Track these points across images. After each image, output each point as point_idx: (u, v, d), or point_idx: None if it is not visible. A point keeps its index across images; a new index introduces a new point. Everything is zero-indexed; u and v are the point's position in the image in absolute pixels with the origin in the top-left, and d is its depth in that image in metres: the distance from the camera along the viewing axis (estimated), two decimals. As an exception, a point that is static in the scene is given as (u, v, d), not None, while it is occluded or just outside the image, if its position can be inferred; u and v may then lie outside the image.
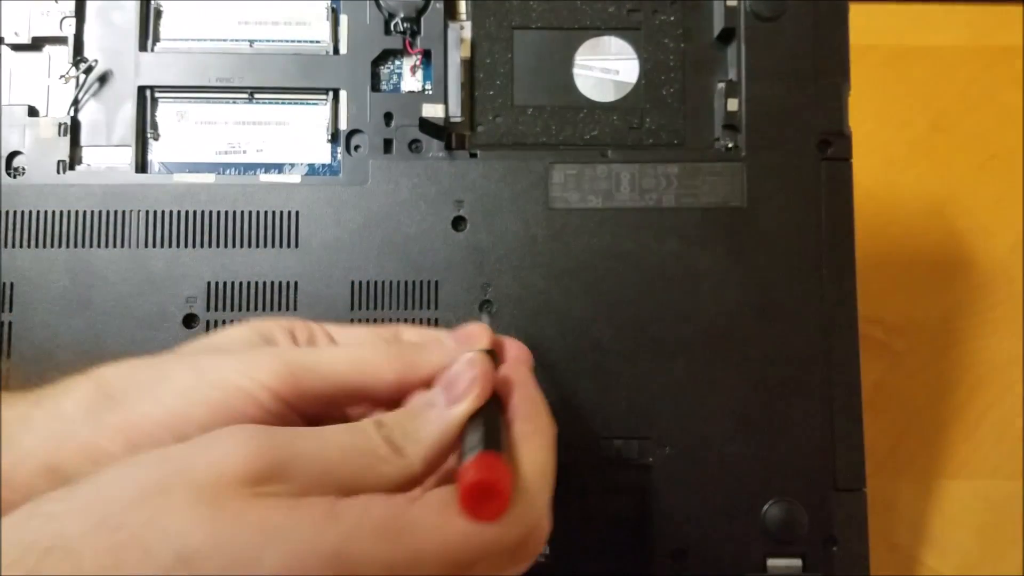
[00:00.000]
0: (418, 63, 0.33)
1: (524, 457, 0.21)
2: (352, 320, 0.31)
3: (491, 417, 0.21)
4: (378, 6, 0.32)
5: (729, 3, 0.33)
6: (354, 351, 0.24)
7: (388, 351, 0.24)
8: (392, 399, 0.24)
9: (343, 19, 0.33)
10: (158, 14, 0.33)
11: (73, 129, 0.32)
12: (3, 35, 0.32)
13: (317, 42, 0.33)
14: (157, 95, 0.32)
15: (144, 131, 0.32)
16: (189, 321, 0.31)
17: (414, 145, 0.32)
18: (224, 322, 0.31)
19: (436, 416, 0.21)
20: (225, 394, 0.22)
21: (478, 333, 0.25)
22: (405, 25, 0.32)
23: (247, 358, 0.23)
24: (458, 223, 0.32)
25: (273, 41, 0.33)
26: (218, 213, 0.31)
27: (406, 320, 0.31)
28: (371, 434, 0.20)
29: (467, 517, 0.19)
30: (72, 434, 0.21)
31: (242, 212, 0.31)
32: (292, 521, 0.18)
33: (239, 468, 0.18)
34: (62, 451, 0.21)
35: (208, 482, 0.18)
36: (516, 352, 0.26)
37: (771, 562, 0.31)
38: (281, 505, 0.18)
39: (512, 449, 0.21)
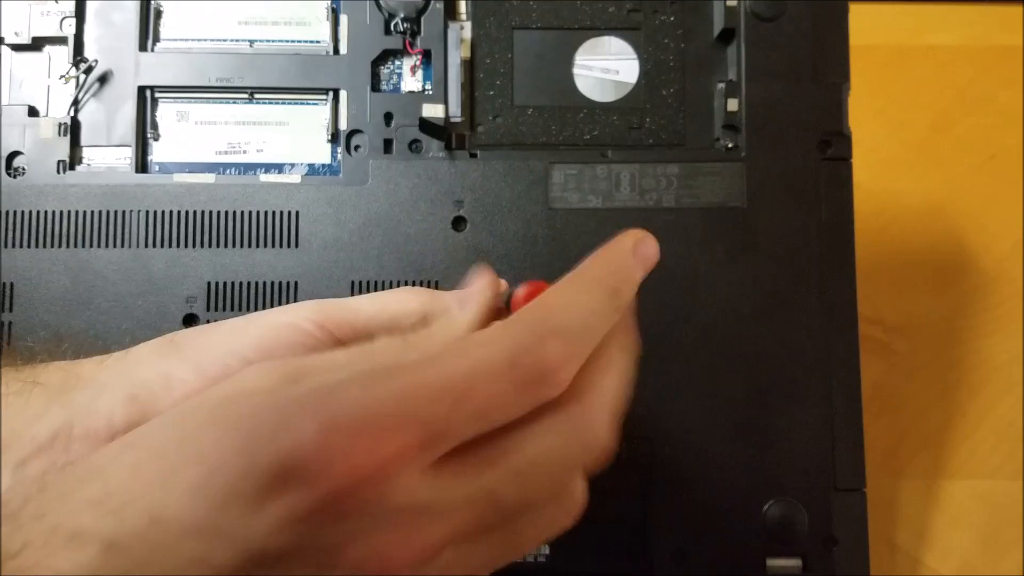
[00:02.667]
0: (418, 63, 0.33)
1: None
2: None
3: None
4: (378, 6, 0.32)
5: (729, 3, 0.33)
6: (378, 294, 0.25)
7: (411, 288, 0.25)
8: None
9: (343, 19, 0.33)
10: (158, 14, 0.33)
11: (73, 129, 0.32)
12: (3, 35, 0.32)
13: (317, 42, 0.33)
14: (157, 95, 0.32)
15: (144, 131, 0.32)
16: (189, 321, 0.31)
17: (414, 145, 0.32)
18: (224, 322, 0.31)
19: (448, 320, 0.22)
20: (276, 328, 0.23)
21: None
22: (405, 25, 0.32)
23: (288, 306, 0.24)
24: (458, 223, 0.32)
25: (273, 41, 0.33)
26: (218, 213, 0.31)
27: (406, 320, 0.31)
28: (390, 340, 0.21)
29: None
30: (146, 367, 0.22)
31: (242, 212, 0.31)
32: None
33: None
34: (137, 381, 0.22)
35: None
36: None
37: (771, 562, 0.31)
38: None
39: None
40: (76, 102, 0.32)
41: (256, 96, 0.33)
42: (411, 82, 0.33)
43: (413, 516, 0.17)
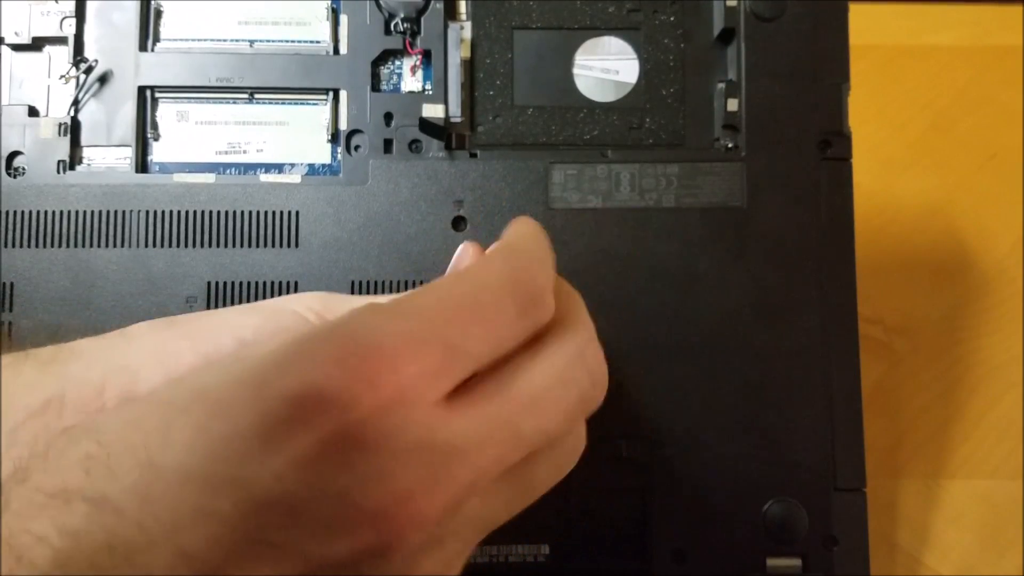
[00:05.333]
0: (418, 63, 0.33)
1: None
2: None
3: None
4: (378, 6, 0.32)
5: (729, 3, 0.33)
6: (381, 296, 0.25)
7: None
8: None
9: (343, 19, 0.33)
10: (158, 14, 0.33)
11: (73, 129, 0.32)
12: (3, 35, 0.32)
13: (317, 42, 0.33)
14: (157, 95, 0.32)
15: (144, 131, 0.32)
16: (189, 321, 0.31)
17: (414, 145, 0.32)
18: (224, 322, 0.30)
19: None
20: (277, 313, 0.22)
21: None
22: (405, 25, 0.32)
23: (292, 295, 0.24)
24: (458, 223, 0.32)
25: (273, 41, 0.33)
26: (218, 213, 0.31)
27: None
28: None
29: None
30: (142, 341, 0.22)
31: (242, 212, 0.31)
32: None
33: None
34: (132, 353, 0.21)
35: None
36: None
37: (771, 562, 0.31)
38: None
39: None
40: (76, 102, 0.32)
41: (256, 96, 0.33)
42: (411, 82, 0.33)
43: (436, 454, 0.16)
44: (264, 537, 0.15)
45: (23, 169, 0.31)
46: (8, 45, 0.32)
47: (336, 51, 0.33)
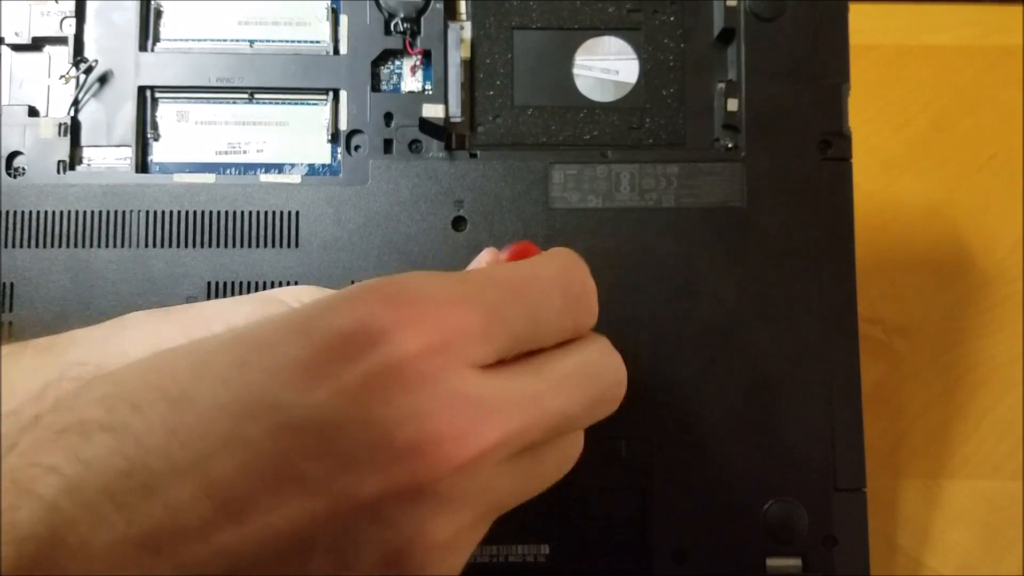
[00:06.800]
0: (418, 63, 0.33)
1: None
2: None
3: None
4: (378, 6, 0.32)
5: (729, 3, 0.33)
6: None
7: None
8: None
9: (343, 19, 0.33)
10: (158, 14, 0.33)
11: (73, 129, 0.32)
12: (3, 35, 0.32)
13: (317, 42, 0.33)
14: (157, 95, 0.32)
15: (144, 131, 0.32)
16: (189, 321, 0.31)
17: (414, 145, 0.32)
18: (224, 322, 0.31)
19: None
20: (268, 303, 0.23)
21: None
22: (405, 25, 0.32)
23: (288, 287, 0.25)
24: (458, 223, 0.32)
25: (273, 41, 0.33)
26: (218, 213, 0.31)
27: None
28: None
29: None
30: (138, 328, 0.22)
31: (242, 212, 0.31)
32: None
33: None
34: (127, 339, 0.22)
35: None
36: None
37: (771, 562, 0.31)
38: None
39: None
40: (76, 102, 0.32)
41: (256, 96, 0.33)
42: (411, 82, 0.33)
43: (470, 406, 0.17)
44: (294, 469, 0.15)
45: (23, 169, 0.31)
46: (8, 45, 0.32)
47: (336, 51, 0.33)
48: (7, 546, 0.14)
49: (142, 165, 0.32)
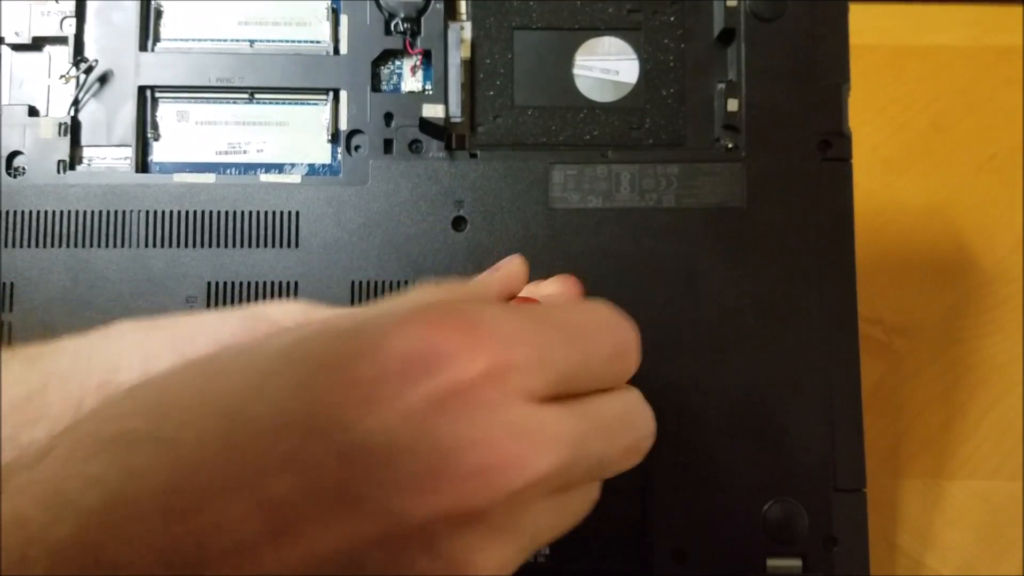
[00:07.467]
0: (418, 63, 0.33)
1: None
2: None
3: None
4: (378, 6, 0.32)
5: (729, 3, 0.33)
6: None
7: None
8: None
9: (343, 19, 0.33)
10: (158, 14, 0.33)
11: (73, 129, 0.32)
12: (3, 35, 0.32)
13: (317, 42, 0.33)
14: (157, 95, 0.32)
15: (144, 131, 0.32)
16: (189, 321, 0.31)
17: (414, 145, 0.32)
18: (224, 322, 0.30)
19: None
20: (256, 319, 0.23)
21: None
22: (405, 25, 0.32)
23: (277, 301, 0.25)
24: (458, 223, 0.32)
25: (273, 41, 0.33)
26: (218, 213, 0.31)
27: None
28: None
29: None
30: (125, 340, 0.22)
31: (242, 212, 0.31)
32: None
33: None
34: (115, 352, 0.21)
35: None
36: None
37: (771, 562, 0.31)
38: None
39: None
40: (76, 102, 0.32)
41: (256, 96, 0.33)
42: (411, 82, 0.33)
43: (528, 433, 0.17)
44: (354, 490, 0.15)
45: (23, 169, 0.31)
46: (8, 45, 0.32)
47: (336, 51, 0.33)
48: (43, 560, 0.14)
49: (142, 165, 0.32)
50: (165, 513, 0.15)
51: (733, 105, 0.33)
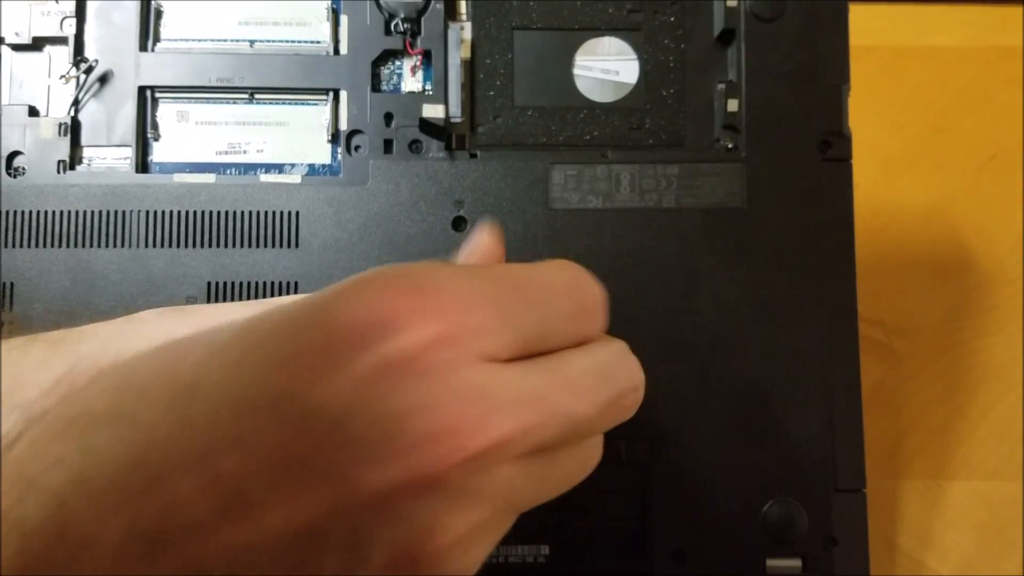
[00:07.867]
0: (418, 63, 0.33)
1: None
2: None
3: None
4: (378, 6, 0.32)
5: (729, 4, 0.33)
6: None
7: None
8: None
9: (343, 19, 0.33)
10: (158, 14, 0.33)
11: (73, 129, 0.32)
12: (3, 35, 0.32)
13: (317, 42, 0.33)
14: (157, 95, 0.32)
15: (144, 131, 0.32)
16: (189, 321, 0.31)
17: (414, 145, 0.32)
18: (224, 322, 0.31)
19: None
20: (278, 306, 0.23)
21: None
22: (405, 26, 0.32)
23: (296, 296, 0.24)
24: (458, 223, 0.32)
25: (273, 41, 0.33)
26: (218, 213, 0.31)
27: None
28: None
29: None
30: (150, 326, 0.22)
31: (242, 212, 0.31)
32: None
33: None
34: (140, 336, 0.21)
35: None
36: None
37: (771, 562, 0.31)
38: None
39: None
40: (76, 102, 0.32)
41: (256, 96, 0.33)
42: (411, 82, 0.33)
43: (484, 397, 0.16)
44: (305, 462, 0.15)
45: (23, 169, 0.31)
46: (8, 45, 0.32)
47: (336, 51, 0.33)
48: (13, 541, 0.14)
49: (142, 165, 0.32)
50: (124, 490, 0.15)
51: (733, 105, 0.33)
